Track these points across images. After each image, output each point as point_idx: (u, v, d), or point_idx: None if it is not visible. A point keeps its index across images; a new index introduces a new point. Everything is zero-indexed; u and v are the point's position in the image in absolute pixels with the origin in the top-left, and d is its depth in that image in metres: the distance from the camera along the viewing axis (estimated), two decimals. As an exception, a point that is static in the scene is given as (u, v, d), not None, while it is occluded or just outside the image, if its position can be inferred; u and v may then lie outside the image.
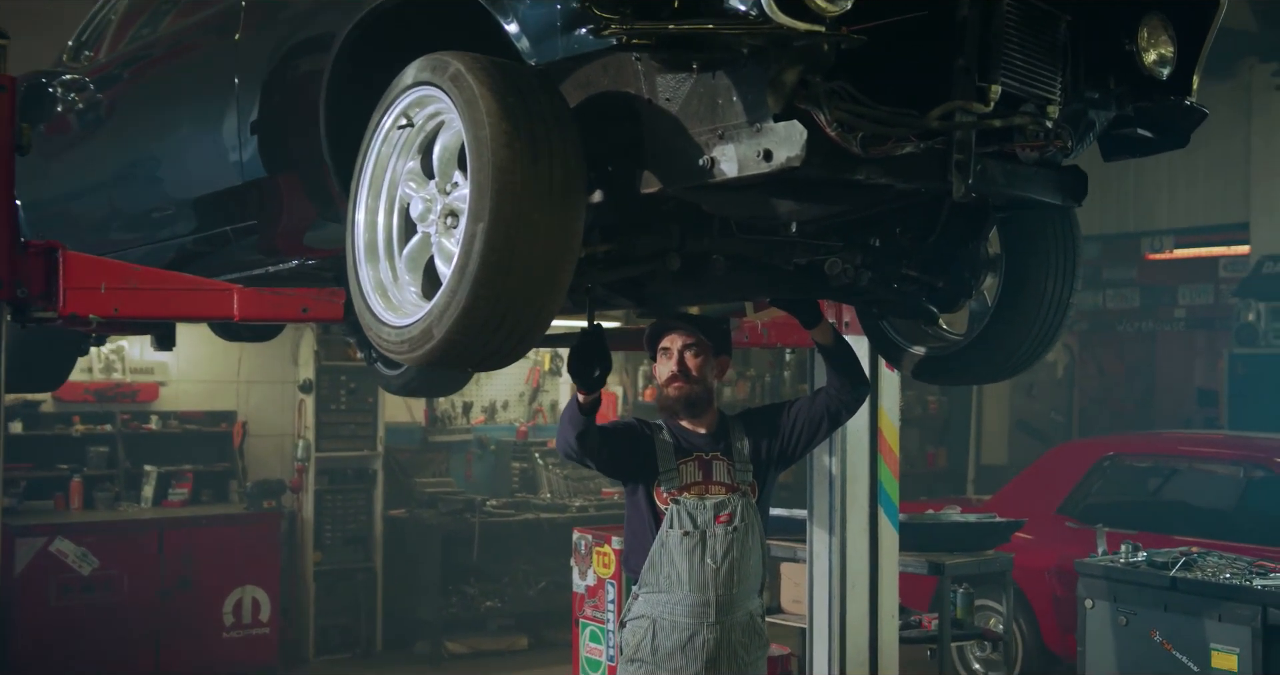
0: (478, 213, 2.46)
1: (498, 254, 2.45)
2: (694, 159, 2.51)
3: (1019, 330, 3.40)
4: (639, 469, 3.83)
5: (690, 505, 3.75)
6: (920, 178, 2.62)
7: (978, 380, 3.65)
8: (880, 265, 3.35)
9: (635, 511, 3.86)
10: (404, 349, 2.68)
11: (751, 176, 2.43)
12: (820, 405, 3.89)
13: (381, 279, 2.86)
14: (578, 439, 3.65)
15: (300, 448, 9.15)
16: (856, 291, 3.41)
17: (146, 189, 4.15)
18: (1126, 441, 8.05)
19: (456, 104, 2.56)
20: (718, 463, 3.85)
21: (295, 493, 9.10)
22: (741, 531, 3.76)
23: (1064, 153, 2.89)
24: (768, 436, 3.92)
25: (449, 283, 2.54)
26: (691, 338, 3.84)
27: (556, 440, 3.80)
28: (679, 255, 3.03)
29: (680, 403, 3.85)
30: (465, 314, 2.50)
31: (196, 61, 3.87)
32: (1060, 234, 3.36)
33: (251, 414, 9.29)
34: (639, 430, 3.89)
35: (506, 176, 2.44)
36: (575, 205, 2.53)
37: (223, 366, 9.19)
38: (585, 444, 3.67)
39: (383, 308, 2.80)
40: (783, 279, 3.32)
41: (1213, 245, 12.31)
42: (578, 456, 3.73)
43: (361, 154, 2.88)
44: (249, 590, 8.37)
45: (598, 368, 3.45)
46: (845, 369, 3.85)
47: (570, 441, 3.67)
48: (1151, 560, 4.91)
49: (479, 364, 2.69)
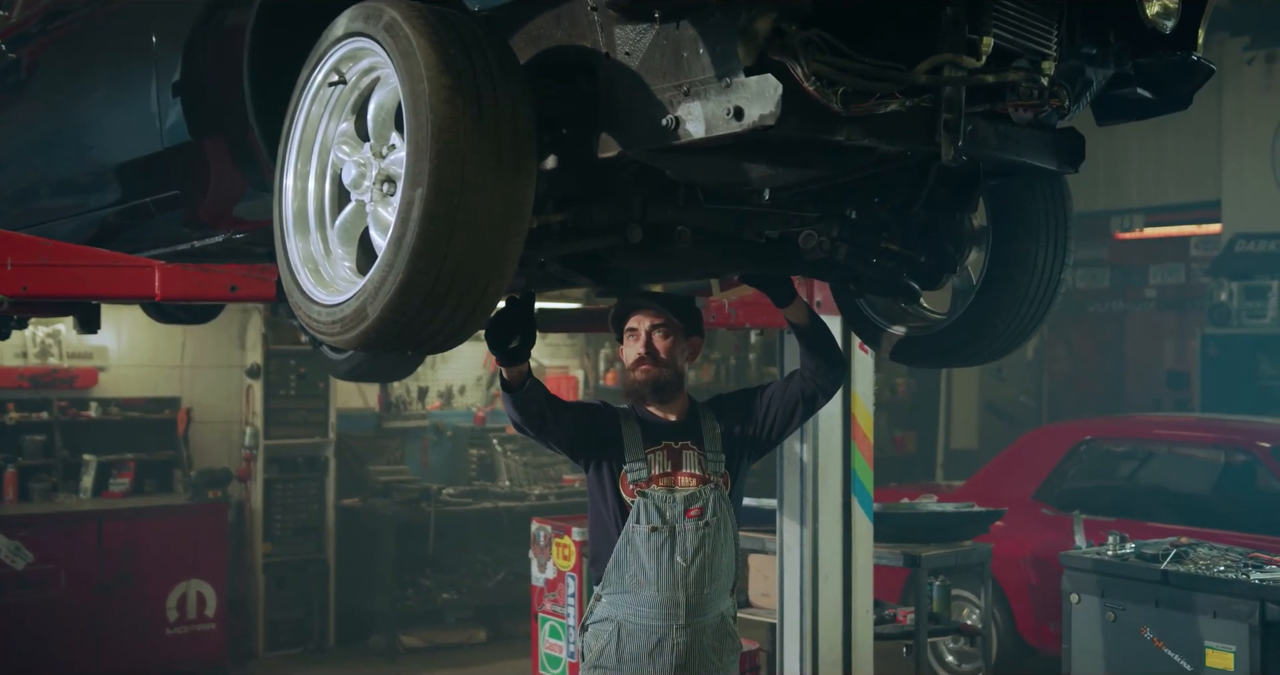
0: (415, 177, 2.23)
1: (438, 223, 2.23)
2: (656, 119, 2.31)
3: (1007, 308, 3.19)
4: (602, 454, 3.61)
5: (658, 498, 3.53)
6: (906, 139, 2.42)
7: (962, 362, 3.44)
8: (858, 238, 3.14)
9: (599, 505, 3.64)
10: (336, 330, 2.45)
11: (720, 137, 2.24)
12: (795, 389, 3.68)
13: (312, 252, 2.62)
14: (517, 410, 3.45)
15: (248, 435, 8.92)
16: (833, 267, 3.20)
17: (65, 156, 3.88)
18: (1103, 425, 7.93)
19: (392, 56, 2.33)
20: (688, 452, 3.63)
21: (243, 482, 8.88)
22: (713, 527, 3.54)
23: (1060, 113, 2.69)
24: (740, 423, 3.71)
25: (384, 256, 2.31)
26: (660, 318, 3.62)
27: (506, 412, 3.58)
28: (641, 227, 2.80)
29: (648, 387, 3.62)
30: (402, 290, 2.28)
31: (112, 17, 3.59)
32: (1051, 204, 3.17)
33: (196, 400, 9.04)
34: (604, 414, 3.68)
35: (447, 136, 2.22)
36: (525, 169, 2.32)
37: (166, 350, 8.93)
38: (527, 414, 3.46)
39: (313, 284, 2.56)
40: (753, 253, 3.10)
41: (1184, 224, 12.24)
42: (524, 424, 3.51)
43: (289, 115, 2.65)
44: (194, 584, 8.14)
45: (518, 337, 3.22)
46: (821, 349, 3.64)
47: (512, 413, 3.47)
48: (1140, 552, 4.73)
49: (419, 346, 2.45)
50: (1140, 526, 6.51)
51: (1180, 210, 12.12)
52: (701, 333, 3.76)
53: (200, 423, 9.02)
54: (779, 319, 4.67)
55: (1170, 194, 12.06)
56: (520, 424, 3.49)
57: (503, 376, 3.39)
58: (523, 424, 3.48)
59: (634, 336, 3.63)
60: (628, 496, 3.54)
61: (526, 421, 3.47)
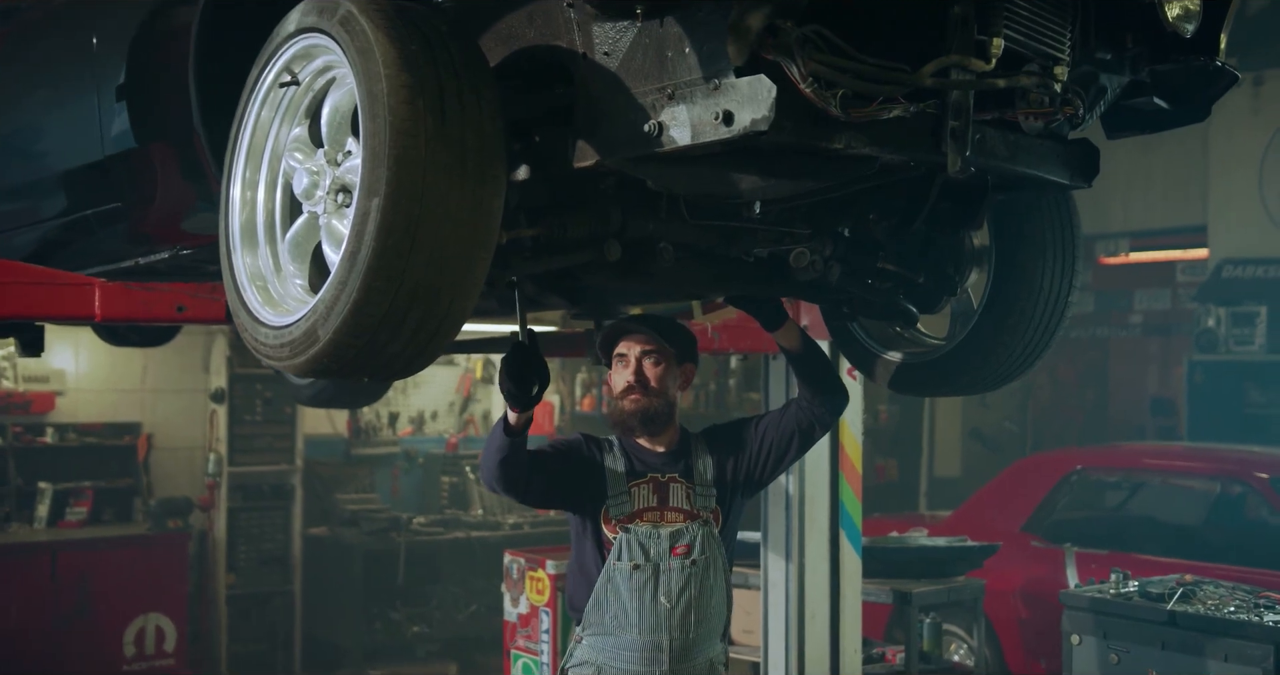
0: (372, 185, 2.04)
1: (396, 236, 2.04)
2: (638, 125, 2.15)
3: (1011, 332, 3.00)
4: (583, 496, 3.39)
5: (642, 534, 3.31)
6: (910, 148, 2.25)
7: (963, 390, 3.25)
8: (853, 258, 2.95)
9: (580, 543, 3.42)
10: (284, 355, 2.24)
11: (707, 144, 2.07)
12: (791, 419, 3.47)
13: (261, 269, 2.42)
14: (502, 466, 3.16)
15: (212, 462, 8.75)
16: (825, 288, 3.01)
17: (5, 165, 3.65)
18: (1094, 455, 7.76)
19: (348, 53, 2.14)
20: (675, 486, 3.41)
21: (205, 511, 8.69)
22: (701, 566, 3.33)
23: (1073, 122, 2.51)
24: (733, 456, 3.49)
25: (337, 272, 2.11)
26: (652, 344, 3.40)
27: (481, 468, 3.32)
28: (619, 243, 2.61)
29: (637, 418, 3.39)
30: (357, 310, 2.08)
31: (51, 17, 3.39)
32: (1057, 221, 2.99)
33: (158, 426, 8.82)
34: (583, 451, 3.44)
35: (407, 140, 2.03)
36: (493, 178, 2.14)
37: (126, 374, 8.72)
38: (512, 473, 3.20)
39: (260, 303, 2.36)
40: (741, 273, 2.91)
41: (1169, 248, 12.13)
42: (505, 489, 3.25)
43: (237, 119, 2.46)
44: (152, 618, 7.89)
45: (535, 382, 2.96)
46: (816, 376, 3.44)
47: (494, 471, 3.18)
48: (1145, 591, 4.53)
49: (377, 372, 2.24)
50: (1134, 560, 6.33)
51: (1166, 235, 12.03)
52: (695, 360, 3.55)
53: (161, 449, 8.81)
54: (766, 344, 4.50)
55: (1156, 218, 11.97)
56: (499, 478, 3.21)
57: (507, 422, 3.12)
58: (501, 478, 3.20)
59: (623, 363, 3.42)
60: (609, 532, 3.33)
61: (509, 478, 3.21)
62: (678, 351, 3.43)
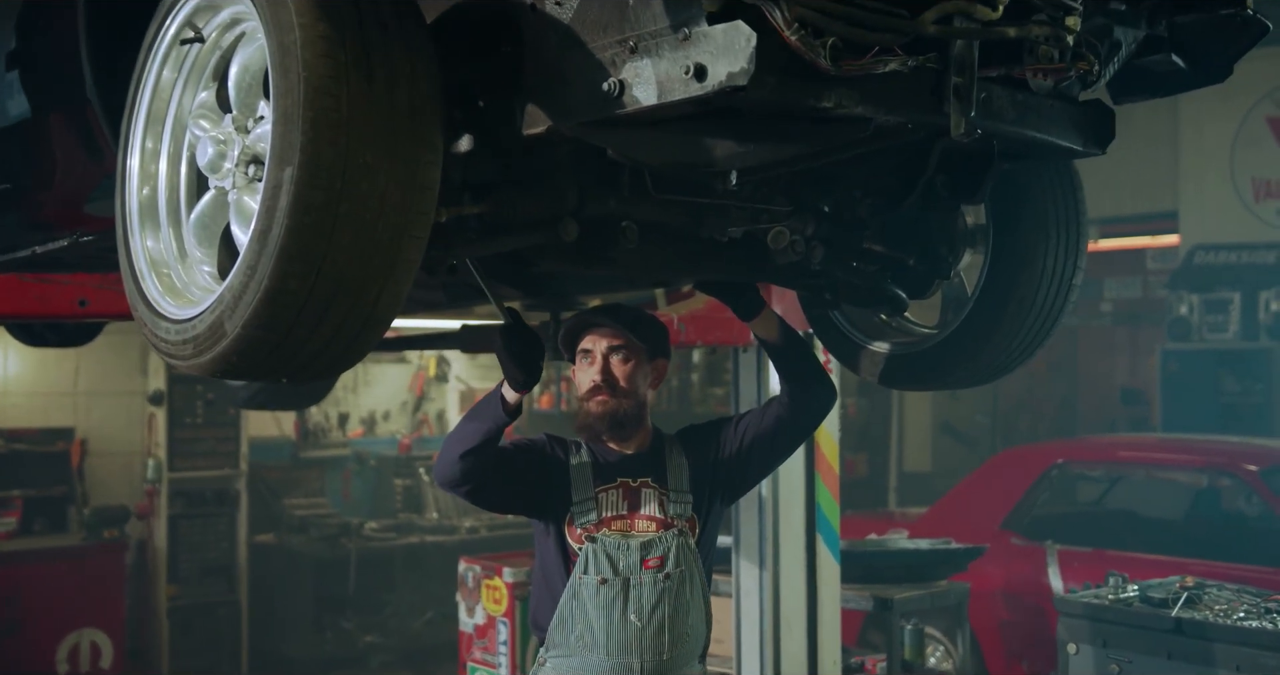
0: (283, 153, 1.77)
1: (314, 213, 1.77)
2: (595, 84, 1.89)
3: (1010, 319, 2.75)
4: (546, 502, 3.10)
5: (610, 545, 3.01)
6: (909, 107, 1.99)
7: (957, 383, 2.98)
8: (837, 238, 2.68)
9: (544, 554, 3.13)
10: (187, 352, 1.96)
11: (676, 104, 1.82)
12: (772, 419, 3.17)
13: (163, 254, 2.14)
14: (473, 452, 2.92)
15: (151, 467, 8.49)
16: (806, 272, 2.74)
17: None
18: (1075, 448, 7.54)
19: (257, 2, 1.84)
20: (648, 491, 3.11)
21: (143, 519, 8.44)
22: (676, 581, 3.03)
23: (1085, 81, 2.25)
24: (712, 458, 3.19)
25: (245, 255, 1.84)
26: (619, 338, 3.09)
27: (443, 454, 3.01)
28: (576, 222, 2.33)
29: (605, 421, 3.09)
30: (269, 300, 1.80)
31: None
32: (1060, 194, 2.74)
33: (93, 430, 8.55)
34: (547, 451, 3.15)
35: (326, 100, 1.76)
36: (429, 145, 1.87)
37: (57, 376, 8.44)
38: (478, 464, 2.94)
39: (161, 293, 2.07)
40: (713, 255, 2.63)
41: (1139, 235, 11.99)
42: (462, 481, 2.96)
43: (135, 82, 2.17)
44: (87, 633, 7.63)
45: (539, 356, 2.85)
46: (799, 371, 3.14)
47: (460, 460, 2.92)
48: (1146, 596, 4.29)
49: (295, 373, 1.96)
50: (1119, 557, 6.13)
51: (1136, 221, 11.87)
52: (668, 354, 3.24)
53: (97, 455, 8.55)
54: (735, 336, 4.24)
55: (1126, 205, 11.79)
56: (456, 472, 2.94)
57: (506, 403, 2.91)
58: (459, 472, 2.94)
59: (588, 360, 3.11)
60: (574, 542, 3.04)
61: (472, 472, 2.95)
62: (648, 346, 3.13)
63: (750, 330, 3.16)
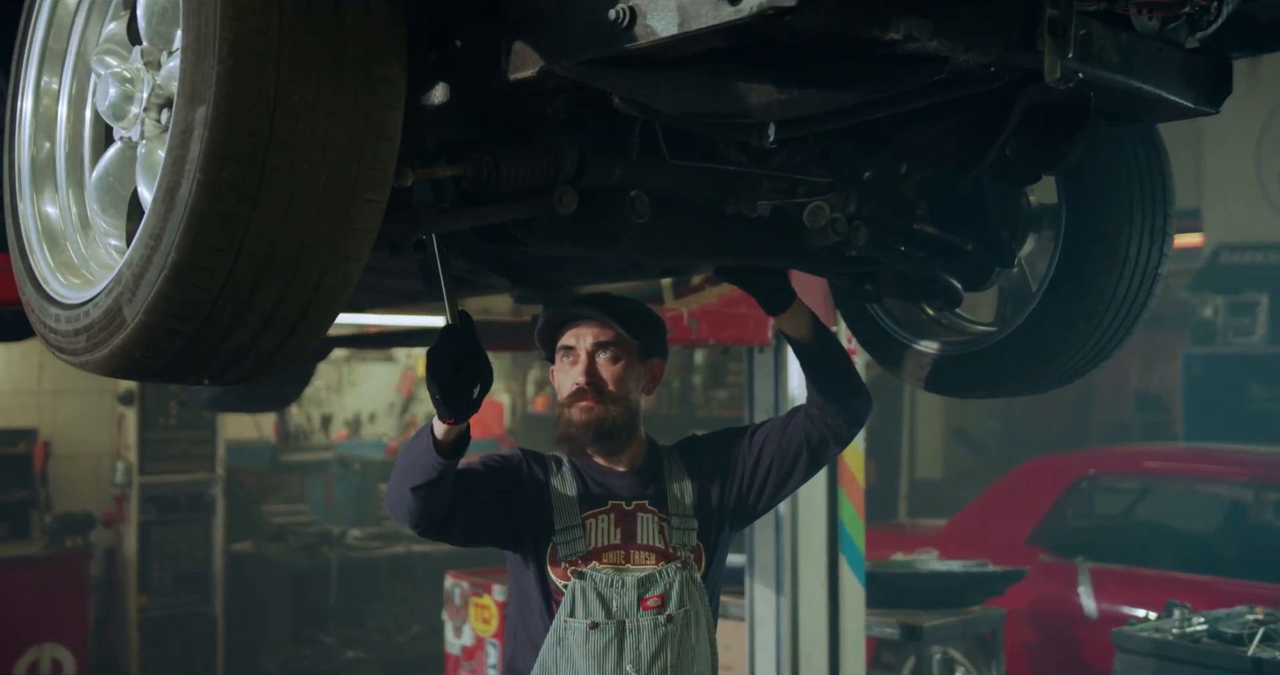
0: (195, 87, 1.39)
1: (236, 165, 1.40)
2: (598, 13, 1.55)
3: (1086, 315, 2.37)
4: (523, 531, 2.64)
5: (602, 582, 2.57)
6: (994, 44, 1.60)
7: (1018, 389, 2.58)
8: (885, 216, 2.29)
9: (522, 591, 2.68)
10: (80, 346, 1.58)
11: (703, 35, 1.48)
12: (796, 432, 2.72)
13: (60, 222, 1.74)
14: (420, 496, 2.42)
15: (120, 471, 8.16)
16: (845, 257, 2.35)
17: None
18: (1108, 457, 7.20)
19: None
20: (645, 516, 2.65)
21: (111, 526, 8.13)
22: (680, 623, 2.59)
23: (1197, 24, 1.86)
24: (720, 478, 2.74)
25: (149, 220, 1.47)
26: (608, 333, 2.63)
27: (389, 496, 2.55)
28: (575, 190, 1.93)
29: (589, 431, 2.62)
30: (178, 279, 1.43)
31: None
32: (1147, 167, 2.38)
33: (58, 431, 8.22)
34: (523, 471, 2.69)
35: (250, 20, 1.39)
36: (386, 82, 1.51)
37: (20, 373, 8.11)
38: (432, 506, 2.45)
39: (52, 270, 1.70)
40: (739, 236, 2.24)
41: (1160, 234, 11.68)
42: (419, 526, 2.50)
43: (29, 8, 1.77)
44: (48, 649, 7.25)
45: (474, 380, 2.25)
46: (832, 375, 2.69)
47: (408, 502, 2.45)
48: (1216, 631, 3.89)
49: (216, 373, 1.57)
50: (1155, 576, 5.84)
51: (1156, 219, 11.56)
52: (664, 353, 2.79)
53: (62, 457, 8.20)
54: (753, 334, 3.85)
55: (1145, 202, 11.51)
56: (413, 510, 2.45)
57: (433, 437, 2.34)
58: (417, 510, 2.45)
59: (570, 359, 2.65)
60: (558, 578, 2.60)
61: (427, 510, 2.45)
62: (642, 343, 2.67)
63: (775, 327, 2.75)
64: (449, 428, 2.31)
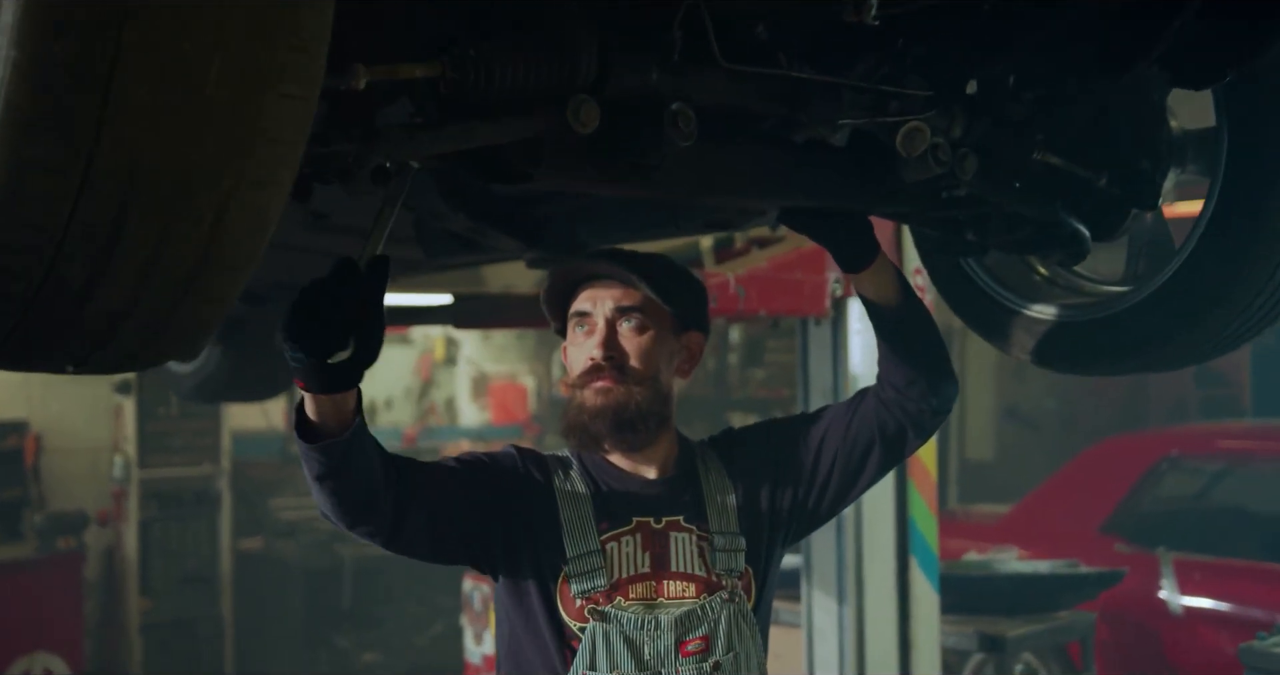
0: None
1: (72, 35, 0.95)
2: None
3: (1251, 271, 1.89)
4: (519, 555, 2.10)
5: (630, 624, 2.03)
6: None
7: (1159, 363, 2.09)
8: (999, 142, 1.81)
9: (521, 632, 2.13)
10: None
11: None
12: (866, 420, 2.18)
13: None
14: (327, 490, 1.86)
15: (118, 465, 8.00)
16: (942, 198, 1.87)
17: None
18: (1191, 437, 6.82)
19: None
20: (680, 536, 2.11)
21: (105, 525, 7.97)
22: (728, 671, 2.05)
23: None
24: (771, 481, 2.20)
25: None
26: (633, 295, 2.10)
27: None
28: (595, 102, 1.44)
29: (606, 418, 2.07)
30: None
31: None
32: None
33: (50, 424, 8.04)
34: (519, 473, 2.14)
35: None
36: None
37: (8, 363, 7.78)
38: (351, 503, 1.90)
39: None
40: (811, 167, 1.75)
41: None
42: (354, 527, 1.95)
43: None
44: (39, 658, 7.08)
45: (349, 337, 1.66)
46: (917, 350, 2.15)
47: (322, 499, 1.90)
48: (1366, 646, 3.44)
49: (79, 353, 1.11)
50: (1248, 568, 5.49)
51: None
52: (706, 326, 2.23)
53: (55, 451, 8.03)
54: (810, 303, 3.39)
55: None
56: (338, 515, 1.92)
57: (302, 414, 1.79)
58: (344, 517, 1.92)
59: (585, 328, 2.12)
60: (573, 620, 2.05)
61: (351, 514, 1.92)
62: (677, 310, 2.14)
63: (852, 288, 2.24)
64: (317, 401, 1.75)
